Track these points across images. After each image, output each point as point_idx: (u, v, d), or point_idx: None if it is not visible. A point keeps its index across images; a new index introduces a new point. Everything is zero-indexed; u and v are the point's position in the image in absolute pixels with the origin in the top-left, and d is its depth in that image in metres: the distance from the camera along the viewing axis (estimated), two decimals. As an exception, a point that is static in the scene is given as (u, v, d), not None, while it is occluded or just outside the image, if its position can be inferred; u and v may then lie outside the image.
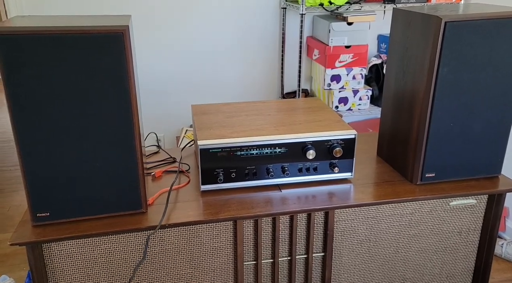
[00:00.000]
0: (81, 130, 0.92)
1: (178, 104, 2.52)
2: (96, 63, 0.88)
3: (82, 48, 0.86)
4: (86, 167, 0.94)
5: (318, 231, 1.12)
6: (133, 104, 0.93)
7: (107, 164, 0.95)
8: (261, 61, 2.57)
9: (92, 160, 0.94)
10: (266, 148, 1.11)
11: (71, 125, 0.91)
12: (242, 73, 2.57)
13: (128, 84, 0.91)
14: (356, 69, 2.42)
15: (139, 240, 1.01)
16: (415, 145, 1.12)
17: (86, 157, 0.93)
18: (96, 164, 0.94)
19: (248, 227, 1.07)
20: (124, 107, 0.92)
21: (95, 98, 0.90)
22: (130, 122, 0.94)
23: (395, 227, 1.16)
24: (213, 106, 1.34)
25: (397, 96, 1.19)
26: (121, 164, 0.96)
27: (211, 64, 2.51)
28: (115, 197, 0.98)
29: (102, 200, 0.98)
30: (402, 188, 1.15)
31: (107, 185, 0.97)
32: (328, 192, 1.13)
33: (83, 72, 0.88)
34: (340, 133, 1.14)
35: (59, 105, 0.89)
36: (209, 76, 2.53)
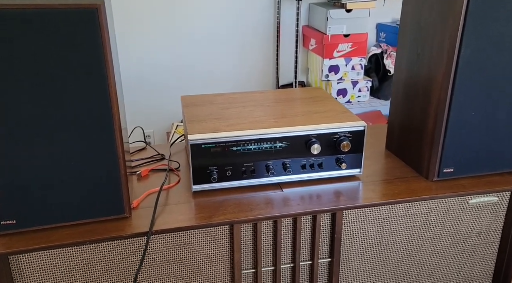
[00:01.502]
0: (50, 124, 0.78)
1: (169, 98, 2.39)
2: (66, 45, 0.75)
3: (49, 26, 0.73)
4: (57, 167, 0.81)
5: (324, 234, 1.00)
6: (111, 93, 0.80)
7: (83, 163, 0.82)
8: (255, 52, 2.45)
9: (65, 159, 0.81)
10: (265, 142, 0.99)
11: (38, 118, 0.77)
12: (235, 65, 2.44)
13: (105, 69, 0.78)
14: (355, 59, 2.30)
15: (122, 249, 0.89)
16: (431, 137, 1.01)
17: (57, 156, 0.80)
18: (69, 164, 0.81)
19: (246, 231, 0.95)
20: (100, 96, 0.79)
21: (66, 87, 0.77)
22: (108, 114, 0.81)
23: (409, 229, 1.04)
24: (205, 97, 1.21)
25: (410, 83, 1.07)
26: (99, 163, 0.83)
27: (203, 56, 2.37)
28: (94, 201, 0.85)
29: (78, 205, 0.85)
30: (417, 185, 1.03)
31: (83, 187, 0.84)
32: (334, 191, 1.01)
33: (51, 55, 0.75)
34: (347, 124, 1.02)
35: (23, 96, 0.76)
36: (201, 68, 2.39)
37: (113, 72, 0.79)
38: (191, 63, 2.37)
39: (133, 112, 2.35)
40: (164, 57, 2.32)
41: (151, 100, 2.39)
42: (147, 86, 2.36)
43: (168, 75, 2.36)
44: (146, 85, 2.36)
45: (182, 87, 2.39)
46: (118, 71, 0.94)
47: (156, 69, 2.33)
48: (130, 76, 2.31)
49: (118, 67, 0.95)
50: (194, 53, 2.36)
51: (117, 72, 0.91)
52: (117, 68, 0.92)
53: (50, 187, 0.82)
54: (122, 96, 1.04)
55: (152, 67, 2.33)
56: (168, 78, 2.36)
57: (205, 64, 2.39)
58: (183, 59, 2.35)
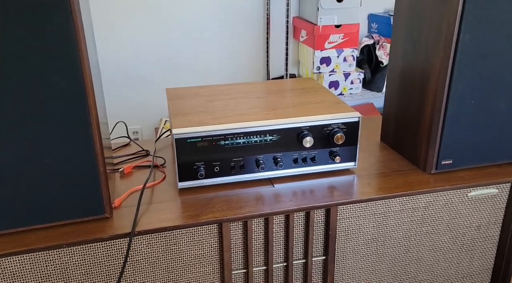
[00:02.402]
0: (19, 118, 0.72)
1: (157, 93, 2.32)
2: (35, 33, 0.68)
3: (15, 11, 0.67)
4: (30, 164, 0.75)
5: (318, 231, 0.95)
6: (87, 84, 0.74)
7: (57, 160, 0.76)
8: (244, 45, 2.38)
9: (37, 155, 0.75)
10: (255, 135, 0.94)
11: (5, 112, 0.71)
12: (224, 57, 2.37)
13: (79, 60, 0.72)
14: (347, 50, 2.25)
15: (103, 251, 0.83)
16: (429, 128, 0.96)
17: (30, 152, 0.74)
18: (43, 161, 0.75)
19: (236, 230, 0.90)
20: (74, 88, 0.73)
21: (36, 78, 0.71)
22: (83, 108, 0.75)
23: (406, 224, 1.00)
24: (191, 90, 1.16)
25: (406, 72, 1.02)
26: (75, 160, 0.77)
27: (191, 49, 2.31)
28: (70, 201, 0.79)
29: (54, 205, 0.79)
30: (414, 178, 0.99)
31: (58, 186, 0.78)
32: (328, 186, 0.97)
33: (19, 44, 0.68)
34: (341, 116, 0.97)
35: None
36: (189, 61, 2.33)
37: (88, 63, 0.73)
38: (179, 57, 2.30)
39: (119, 107, 2.28)
40: (151, 50, 2.25)
41: (138, 95, 2.32)
42: (134, 81, 2.29)
43: (155, 69, 2.29)
44: (133, 80, 2.29)
45: (170, 81, 2.32)
46: (95, 63, 0.87)
47: (143, 62, 2.26)
48: (116, 70, 2.23)
49: (95, 58, 0.89)
50: (181, 46, 2.29)
51: (94, 63, 0.85)
52: (94, 60, 0.86)
53: (22, 187, 0.76)
54: (101, 89, 0.97)
55: (139, 61, 2.26)
56: (155, 72, 2.29)
57: (193, 58, 2.33)
58: (171, 52, 2.28)
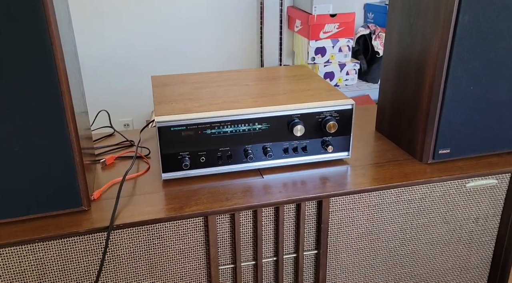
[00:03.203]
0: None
1: (148, 84, 2.26)
2: (2, 11, 0.63)
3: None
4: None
5: (309, 224, 0.91)
6: (59, 68, 0.68)
7: (28, 149, 0.71)
8: (237, 35, 2.33)
9: (6, 144, 0.70)
10: (243, 124, 0.89)
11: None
12: (217, 48, 2.32)
13: (49, 40, 0.67)
14: (343, 40, 2.20)
15: (81, 246, 0.78)
16: (426, 115, 0.92)
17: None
18: (13, 150, 0.70)
19: (223, 223, 0.86)
20: (46, 72, 0.68)
21: (3, 63, 0.66)
22: (56, 94, 0.70)
23: (402, 216, 0.96)
24: (177, 77, 1.10)
25: (402, 56, 0.98)
26: (48, 148, 0.72)
27: (183, 39, 2.25)
28: (45, 193, 0.75)
29: (27, 198, 0.74)
30: (411, 168, 0.94)
31: (31, 177, 0.73)
32: (320, 177, 0.92)
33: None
34: (334, 103, 0.92)
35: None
36: (181, 52, 2.27)
37: (59, 47, 0.68)
38: (170, 47, 2.25)
39: (109, 99, 2.22)
40: (141, 40, 2.19)
41: (129, 87, 2.27)
42: (124, 71, 2.23)
43: (146, 59, 2.24)
44: (123, 70, 2.23)
45: (161, 72, 2.27)
46: (71, 48, 0.82)
47: (133, 52, 2.21)
48: (105, 61, 2.18)
49: (72, 44, 0.83)
50: (173, 36, 2.23)
51: (69, 49, 0.80)
52: (70, 45, 0.81)
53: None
54: (80, 77, 0.92)
55: (129, 51, 2.20)
56: (146, 62, 2.24)
57: (184, 48, 2.27)
58: (162, 42, 2.23)
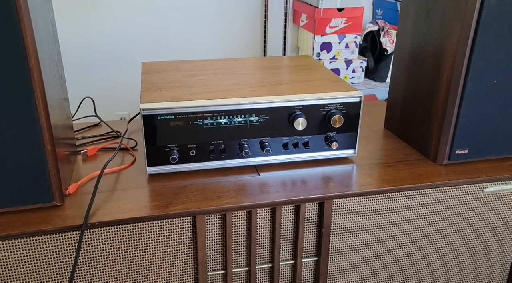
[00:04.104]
0: None
1: (145, 77, 2.18)
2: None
3: None
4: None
5: (309, 228, 0.82)
6: (26, 42, 0.60)
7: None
8: (240, 29, 2.24)
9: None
10: (239, 115, 0.80)
11: None
12: (219, 42, 2.23)
13: (16, 11, 0.58)
14: (350, 36, 2.10)
15: (51, 246, 0.70)
16: (442, 111, 0.82)
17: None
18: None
19: (213, 224, 0.77)
20: (11, 45, 0.59)
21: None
22: (24, 77, 0.61)
23: (412, 222, 0.86)
24: (170, 64, 1.02)
25: (416, 47, 0.89)
26: (14, 136, 0.63)
27: (184, 31, 2.17)
28: (10, 186, 0.66)
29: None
30: (423, 170, 0.85)
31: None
32: (323, 176, 0.83)
33: None
34: (340, 95, 0.83)
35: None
36: (182, 44, 2.19)
37: (28, 20, 0.60)
38: (170, 40, 2.16)
39: (106, 92, 2.14)
40: (141, 33, 2.11)
41: (126, 79, 2.18)
42: (122, 64, 2.15)
43: (145, 51, 2.15)
44: (121, 63, 2.14)
45: (160, 65, 2.18)
46: (46, 26, 0.74)
47: (132, 45, 2.12)
48: (103, 52, 2.09)
49: (46, 20, 0.75)
50: (172, 29, 2.15)
51: (43, 25, 0.71)
52: (43, 20, 0.72)
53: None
54: (57, 58, 0.84)
55: (127, 43, 2.12)
56: (145, 55, 2.15)
57: (186, 41, 2.18)
58: (161, 35, 2.14)
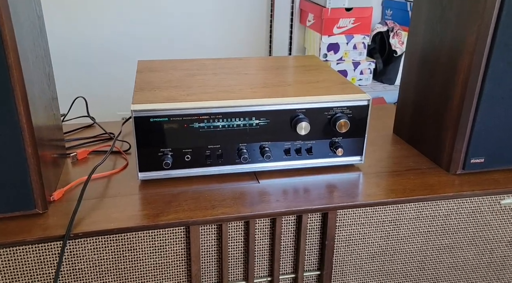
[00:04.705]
0: None
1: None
2: None
3: None
4: None
5: (312, 240, 0.76)
6: (6, 42, 0.55)
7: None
8: (246, 29, 2.19)
9: None
10: (237, 118, 0.75)
11: None
12: (223, 42, 2.18)
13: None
14: (358, 36, 2.04)
15: (32, 257, 0.65)
16: (457, 116, 0.77)
17: None
18: None
19: (208, 235, 0.71)
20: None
21: None
22: (3, 73, 0.56)
23: (422, 235, 0.81)
24: (168, 63, 0.97)
25: (429, 46, 0.83)
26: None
27: (188, 30, 2.12)
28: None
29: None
30: (435, 179, 0.80)
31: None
32: (327, 184, 0.77)
33: None
34: (346, 98, 0.78)
35: None
36: (184, 45, 2.14)
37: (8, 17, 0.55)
38: (172, 39, 2.12)
39: (109, 91, 2.10)
40: (145, 32, 2.06)
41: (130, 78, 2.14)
42: (126, 62, 2.10)
43: (149, 50, 2.11)
44: (124, 61, 2.10)
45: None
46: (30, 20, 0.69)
47: (136, 42, 2.08)
48: (105, 51, 2.05)
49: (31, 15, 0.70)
50: (174, 28, 2.10)
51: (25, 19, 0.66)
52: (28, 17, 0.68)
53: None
54: (45, 55, 0.79)
55: (131, 40, 2.07)
56: (149, 53, 2.11)
57: (188, 41, 2.14)
58: (163, 34, 2.10)
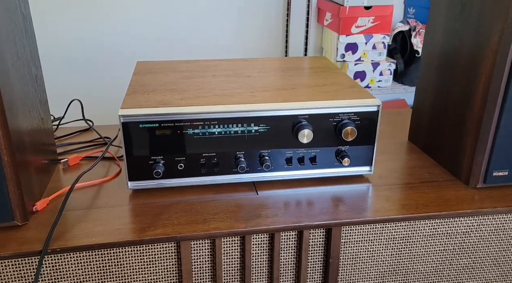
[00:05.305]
0: None
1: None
2: None
3: None
4: None
5: (314, 258, 0.70)
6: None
7: None
8: (261, 29, 2.13)
9: None
10: (235, 124, 0.69)
11: None
12: (237, 41, 2.13)
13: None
14: (378, 36, 1.96)
15: (6, 274, 0.61)
16: (477, 124, 0.69)
17: None
18: None
19: (201, 250, 0.66)
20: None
21: None
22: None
23: (438, 254, 0.73)
24: (167, 64, 0.92)
25: (448, 47, 0.75)
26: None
27: (199, 30, 2.08)
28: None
29: None
30: (453, 193, 0.72)
31: None
32: (332, 197, 0.71)
33: None
34: (354, 103, 0.71)
35: None
36: (197, 44, 2.10)
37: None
38: (184, 39, 2.08)
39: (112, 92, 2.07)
40: (152, 31, 2.03)
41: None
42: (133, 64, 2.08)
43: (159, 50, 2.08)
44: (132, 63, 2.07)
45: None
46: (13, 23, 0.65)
47: (145, 43, 2.05)
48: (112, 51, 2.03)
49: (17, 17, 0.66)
50: (186, 28, 2.06)
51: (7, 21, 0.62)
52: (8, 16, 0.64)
53: None
54: (31, 57, 0.75)
55: (140, 41, 2.04)
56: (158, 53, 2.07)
57: (202, 40, 2.09)
58: (175, 34, 2.06)
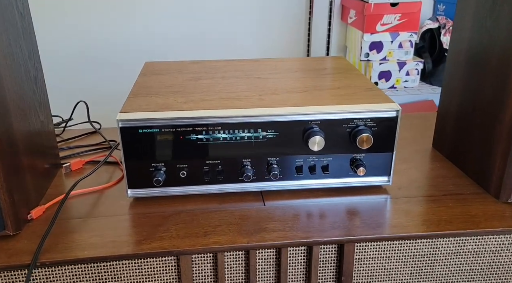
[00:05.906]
0: None
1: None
2: None
3: None
4: None
5: (325, 276, 0.65)
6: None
7: None
8: (282, 27, 2.08)
9: None
10: (241, 129, 0.64)
11: None
12: (257, 41, 2.08)
13: None
14: (404, 34, 1.87)
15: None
16: (509, 130, 0.62)
17: None
18: None
19: (203, 264, 0.62)
20: None
21: None
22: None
23: (463, 273, 0.67)
24: (176, 65, 0.88)
25: (477, 46, 0.68)
26: None
27: (219, 28, 2.04)
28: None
29: None
30: (480, 208, 0.65)
31: None
32: (346, 210, 0.65)
33: None
34: (370, 107, 0.65)
35: None
36: (217, 42, 2.06)
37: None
38: (202, 38, 2.04)
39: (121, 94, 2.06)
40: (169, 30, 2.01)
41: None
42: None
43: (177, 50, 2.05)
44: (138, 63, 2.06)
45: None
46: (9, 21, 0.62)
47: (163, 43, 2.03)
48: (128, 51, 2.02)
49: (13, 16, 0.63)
50: (206, 27, 2.03)
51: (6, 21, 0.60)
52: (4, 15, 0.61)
53: None
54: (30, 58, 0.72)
55: (159, 41, 2.02)
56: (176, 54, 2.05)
57: (222, 39, 2.06)
58: (192, 34, 2.03)
